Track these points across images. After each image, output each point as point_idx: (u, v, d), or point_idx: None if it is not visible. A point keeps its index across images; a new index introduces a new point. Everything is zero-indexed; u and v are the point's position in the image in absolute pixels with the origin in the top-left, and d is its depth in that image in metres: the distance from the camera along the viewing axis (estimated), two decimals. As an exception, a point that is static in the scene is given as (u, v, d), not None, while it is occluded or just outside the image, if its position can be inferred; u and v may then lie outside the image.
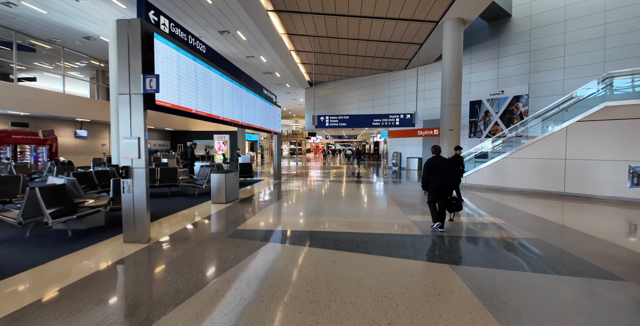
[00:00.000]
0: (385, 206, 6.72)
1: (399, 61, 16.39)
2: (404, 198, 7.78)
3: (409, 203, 7.01)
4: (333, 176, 13.56)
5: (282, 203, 7.08)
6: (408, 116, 13.25)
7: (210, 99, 5.67)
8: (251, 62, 17.37)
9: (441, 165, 4.53)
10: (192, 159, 9.92)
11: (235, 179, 7.16)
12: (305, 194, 8.33)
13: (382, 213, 6.01)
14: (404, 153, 18.07)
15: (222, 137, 18.18)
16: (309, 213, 5.91)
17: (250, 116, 7.76)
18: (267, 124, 9.28)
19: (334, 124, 13.62)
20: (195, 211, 6.06)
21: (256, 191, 8.91)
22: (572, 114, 8.34)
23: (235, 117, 6.85)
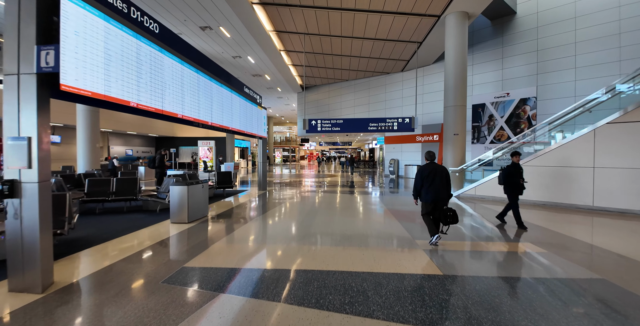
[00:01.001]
0: (386, 226, 5.46)
1: (396, 62, 15.39)
2: (407, 214, 6.53)
3: (415, 221, 5.76)
4: (326, 186, 12.31)
5: (260, 222, 5.78)
6: (407, 120, 12.15)
7: (163, 91, 4.42)
8: (239, 64, 16.23)
9: (436, 173, 4.08)
10: (161, 167, 8.60)
11: (203, 192, 5.86)
12: (290, 210, 7.05)
13: (384, 237, 4.74)
14: (401, 160, 16.92)
15: (207, 144, 16.86)
16: (291, 238, 4.62)
17: (224, 116, 6.53)
18: (248, 126, 8.05)
19: (326, 129, 12.44)
20: (142, 236, 4.73)
21: (233, 205, 7.60)
22: (599, 116, 7.25)
23: (203, 116, 5.61)
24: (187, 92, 5.10)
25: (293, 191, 10.19)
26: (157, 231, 4.97)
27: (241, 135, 7.68)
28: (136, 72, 3.85)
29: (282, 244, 4.27)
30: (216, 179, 8.74)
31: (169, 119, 4.60)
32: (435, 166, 4.14)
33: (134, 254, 3.82)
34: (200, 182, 5.75)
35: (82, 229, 5.04)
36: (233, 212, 6.66)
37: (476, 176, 10.22)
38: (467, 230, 5.25)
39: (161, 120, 4.44)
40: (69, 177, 8.00)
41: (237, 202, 7.94)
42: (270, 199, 8.52)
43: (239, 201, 8.12)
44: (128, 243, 4.34)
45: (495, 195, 8.46)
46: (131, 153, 22.33)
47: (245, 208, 7.26)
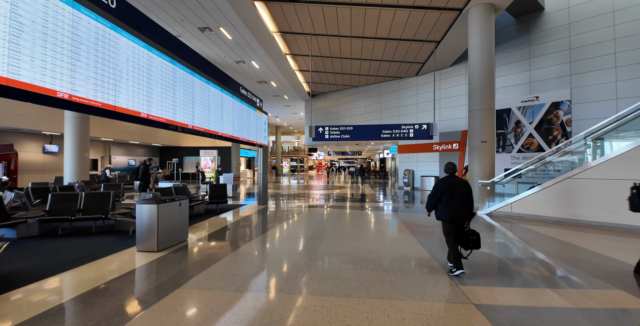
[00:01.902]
0: (413, 261, 4.19)
1: (410, 66, 14.29)
2: (436, 241, 5.24)
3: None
4: (335, 199, 11.07)
5: (250, 251, 4.59)
6: (424, 126, 10.92)
7: (117, 82, 3.37)
8: (243, 70, 15.44)
9: (455, 188, 3.56)
10: (145, 179, 7.56)
11: (180, 211, 4.73)
12: (291, 232, 5.84)
13: (413, 280, 3.48)
14: (417, 171, 15.57)
15: (210, 153, 15.94)
16: (284, 282, 3.41)
17: (211, 119, 5.48)
18: (244, 132, 6.99)
19: (334, 137, 11.29)
20: (90, 272, 3.61)
21: (222, 225, 6.44)
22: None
23: (180, 117, 4.55)
24: (159, 87, 4.08)
25: (298, 206, 9.01)
26: (113, 264, 3.83)
27: (232, 142, 6.63)
28: (69, 51, 2.81)
29: (272, 293, 3.06)
30: (208, 193, 7.64)
31: (127, 118, 3.55)
32: (455, 180, 3.62)
33: (54, 309, 2.67)
34: (177, 199, 4.63)
35: (23, 260, 3.96)
36: (219, 236, 5.49)
37: (509, 190, 8.85)
38: (530, 269, 3.92)
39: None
40: (41, 190, 7.03)
41: (229, 221, 6.78)
42: (270, 216, 7.35)
43: (231, 219, 6.97)
44: (63, 284, 3.22)
45: (538, 214, 7.06)
46: (134, 163, 21.66)
47: (236, 229, 6.08)
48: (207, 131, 5.24)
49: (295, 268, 3.77)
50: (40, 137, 15.41)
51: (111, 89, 3.28)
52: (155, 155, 24.40)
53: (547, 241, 5.20)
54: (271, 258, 4.17)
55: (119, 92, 3.38)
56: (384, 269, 3.74)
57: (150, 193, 5.49)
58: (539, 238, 5.44)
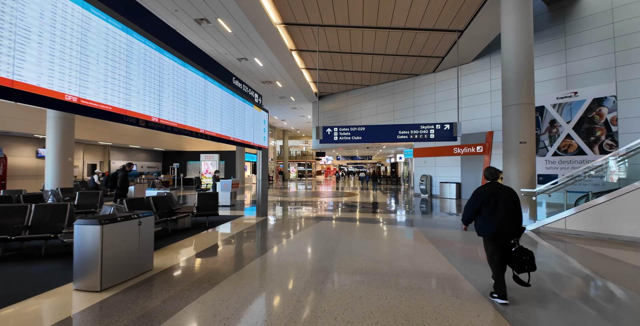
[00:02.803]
0: (450, 290, 2.90)
1: (427, 61, 13.01)
2: (481, 270, 3.90)
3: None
4: (344, 208, 9.78)
5: (234, 287, 3.35)
6: (447, 126, 9.60)
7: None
8: (245, 68, 14.42)
9: (499, 196, 2.94)
10: (123, 188, 6.40)
11: (139, 233, 3.53)
12: (291, 256, 4.58)
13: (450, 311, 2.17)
14: (435, 177, 14.16)
15: (211, 158, 14.92)
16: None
17: (188, 112, 4.32)
18: (237, 131, 5.82)
19: (345, 138, 10.06)
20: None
21: (207, 244, 5.22)
22: None
23: (137, 105, 3.37)
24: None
25: (302, 217, 7.76)
26: (33, 315, 2.64)
27: (220, 142, 5.45)
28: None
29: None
30: (196, 204, 6.46)
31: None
32: (498, 187, 3.06)
33: None
34: (135, 217, 3.43)
35: None
36: (199, 261, 4.27)
37: (557, 199, 7.42)
38: None
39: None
40: (3, 199, 5.98)
41: (217, 238, 5.56)
42: (269, 232, 6.11)
43: (220, 236, 5.75)
44: None
45: (604, 231, 5.62)
46: (135, 168, 20.82)
47: (222, 251, 4.86)
48: (181, 126, 4.05)
49: (299, 311, 2.51)
50: (34, 141, 14.65)
51: (65, 74, 2.13)
52: (158, 160, 23.59)
53: (632, 272, 3.81)
54: (267, 296, 2.92)
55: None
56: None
57: (114, 205, 4.34)
58: (617, 266, 4.05)
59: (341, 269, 3.82)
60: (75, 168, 16.69)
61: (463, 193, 13.00)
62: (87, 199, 7.10)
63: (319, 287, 3.26)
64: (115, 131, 17.37)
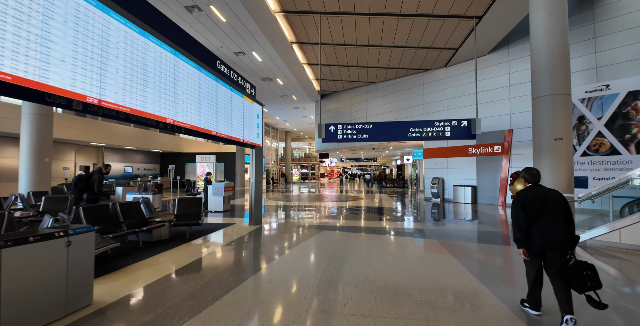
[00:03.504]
0: None
1: (439, 53, 11.99)
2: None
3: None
4: (348, 214, 8.76)
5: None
6: (464, 123, 8.56)
7: None
8: (244, 64, 13.54)
9: (546, 202, 2.52)
10: (97, 194, 5.38)
11: (68, 258, 2.55)
12: (280, 284, 3.57)
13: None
14: (448, 179, 13.07)
15: (207, 159, 14.02)
16: None
17: (164, 100, 3.38)
18: (220, 124, 4.84)
19: (350, 137, 9.06)
20: None
21: (180, 263, 4.22)
22: None
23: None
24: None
25: (301, 226, 6.76)
26: None
27: (198, 136, 4.48)
28: None
29: None
30: (175, 211, 5.50)
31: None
32: (543, 191, 2.58)
33: None
34: (61, 234, 2.46)
35: None
36: (160, 290, 3.28)
37: (591, 208, 6.35)
38: None
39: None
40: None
41: (194, 255, 4.56)
42: (258, 246, 5.11)
43: (199, 251, 4.75)
44: None
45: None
46: (131, 171, 20.03)
47: (197, 274, 3.86)
48: (137, 112, 3.06)
49: None
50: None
51: None
52: (155, 162, 22.78)
53: None
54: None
55: None
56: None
57: (60, 215, 3.39)
58: None
59: (348, 308, 2.80)
60: (66, 170, 15.90)
61: (479, 197, 11.90)
62: (55, 204, 6.18)
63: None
64: (108, 132, 16.57)
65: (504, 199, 11.20)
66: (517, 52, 11.11)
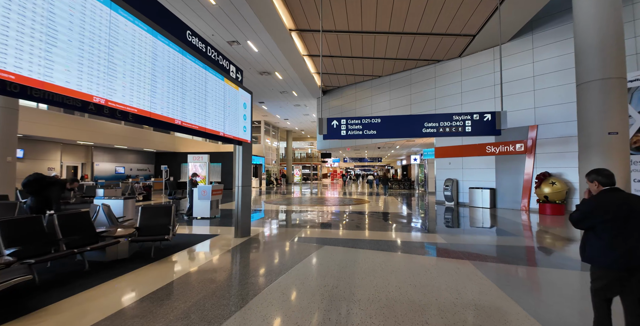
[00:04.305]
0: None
1: (454, 41, 10.80)
2: None
3: None
4: (352, 223, 7.62)
5: None
6: (487, 116, 7.39)
7: None
8: (239, 54, 12.45)
9: (631, 210, 2.03)
10: (49, 203, 4.20)
11: None
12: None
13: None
14: (463, 181, 11.87)
15: (200, 159, 12.95)
16: None
17: (94, 71, 2.30)
18: (193, 113, 3.70)
19: (355, 133, 7.90)
20: None
21: (128, 295, 3.11)
22: None
23: None
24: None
25: (298, 238, 5.64)
26: None
27: (158, 126, 3.37)
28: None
29: None
30: (138, 223, 4.39)
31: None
32: (626, 197, 2.10)
33: None
34: None
35: None
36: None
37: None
38: None
39: None
40: None
41: (153, 283, 3.42)
42: (240, 269, 3.99)
43: (161, 278, 3.63)
44: None
45: None
46: (123, 171, 19.03)
47: (149, 316, 2.74)
48: (37, 83, 1.98)
49: None
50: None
51: None
52: (150, 162, 21.78)
53: None
54: None
55: None
56: None
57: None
58: None
59: None
60: (51, 171, 14.89)
61: (499, 201, 10.70)
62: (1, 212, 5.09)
63: None
64: (97, 130, 15.55)
65: (527, 203, 10.00)
66: (542, 38, 9.92)
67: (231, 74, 5.16)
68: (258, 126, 28.22)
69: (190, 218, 7.89)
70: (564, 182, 9.12)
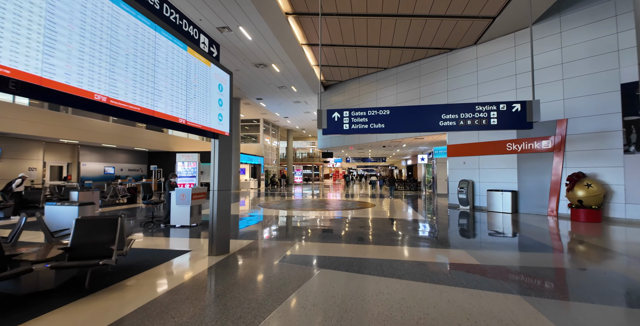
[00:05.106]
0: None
1: (470, 25, 9.61)
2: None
3: None
4: (355, 233, 6.47)
5: None
6: (516, 106, 6.27)
7: None
8: (230, 43, 11.34)
9: None
10: None
11: None
12: None
13: None
14: (479, 182, 10.65)
15: (189, 158, 11.77)
16: None
17: None
18: (131, 88, 2.60)
19: (359, 127, 6.75)
20: None
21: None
22: None
23: None
24: None
25: (289, 258, 4.51)
26: None
27: (77, 106, 2.29)
28: None
29: None
30: (70, 240, 3.26)
31: None
32: None
33: None
34: None
35: None
36: None
37: None
38: None
39: None
40: None
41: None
42: (199, 311, 2.86)
43: (88, 324, 2.54)
44: None
45: None
46: (112, 172, 17.97)
47: None
48: None
49: None
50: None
51: None
52: (142, 162, 20.72)
53: None
54: None
55: None
56: None
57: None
58: None
59: None
60: (32, 171, 13.85)
61: (521, 205, 9.49)
62: None
63: None
64: (82, 127, 14.49)
65: (555, 207, 8.78)
66: (572, 20, 8.71)
67: (202, 47, 4.03)
68: (257, 125, 27.13)
69: (167, 226, 6.77)
70: (600, 184, 7.90)
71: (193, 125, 3.55)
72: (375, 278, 3.48)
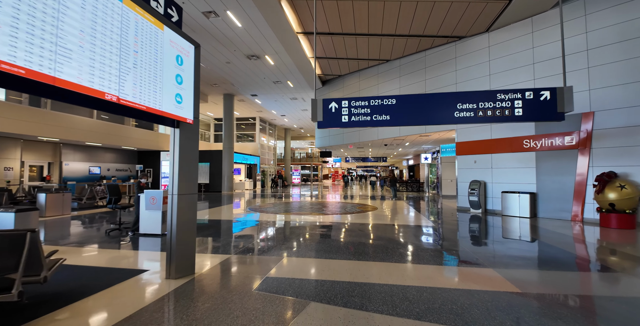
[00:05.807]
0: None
1: (483, 8, 8.64)
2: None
3: None
4: (351, 244, 5.49)
5: None
6: (545, 94, 5.32)
7: None
8: (219, 31, 10.37)
9: None
10: None
11: None
12: None
13: None
14: (492, 183, 9.67)
15: (175, 157, 10.73)
16: None
17: None
18: (22, 45, 1.66)
19: (361, 119, 5.77)
20: None
21: None
22: None
23: None
24: None
25: (270, 284, 3.54)
26: None
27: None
28: None
29: None
30: None
31: None
32: None
33: None
34: None
35: None
36: None
37: None
38: None
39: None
40: None
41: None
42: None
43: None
44: None
45: None
46: (98, 172, 16.96)
47: None
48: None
49: None
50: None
51: None
52: (131, 162, 19.71)
53: None
54: None
55: None
56: None
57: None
58: None
59: None
60: (8, 171, 12.86)
61: (540, 209, 8.51)
62: None
63: None
64: (64, 124, 13.49)
65: (580, 211, 7.81)
66: (599, 1, 7.76)
67: (152, 4, 3.06)
68: (253, 123, 26.14)
69: (135, 235, 5.78)
70: (634, 185, 6.93)
71: (132, 105, 2.56)
72: (386, 319, 2.49)
